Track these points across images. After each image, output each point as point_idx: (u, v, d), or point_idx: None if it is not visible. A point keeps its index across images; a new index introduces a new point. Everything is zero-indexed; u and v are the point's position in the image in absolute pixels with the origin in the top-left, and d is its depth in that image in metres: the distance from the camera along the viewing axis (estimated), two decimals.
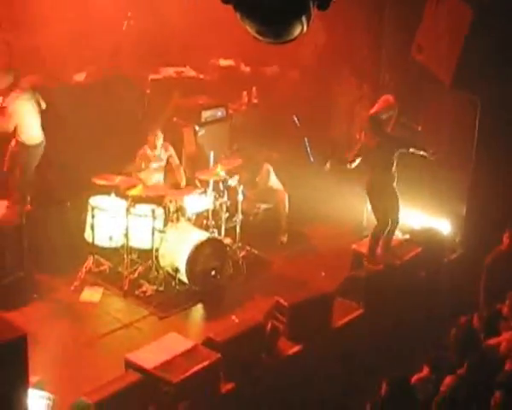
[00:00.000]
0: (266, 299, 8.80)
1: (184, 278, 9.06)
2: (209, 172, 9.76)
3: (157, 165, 10.03)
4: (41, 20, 10.97)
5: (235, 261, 9.74)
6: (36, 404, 6.53)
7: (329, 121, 12.96)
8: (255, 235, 10.24)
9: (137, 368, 7.04)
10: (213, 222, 9.63)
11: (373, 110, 10.58)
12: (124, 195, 9.36)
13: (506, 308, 7.59)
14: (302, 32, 2.87)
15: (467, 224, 10.31)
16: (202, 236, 9.21)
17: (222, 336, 7.59)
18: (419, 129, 11.17)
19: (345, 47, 12.42)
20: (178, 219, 9.31)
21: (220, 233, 9.68)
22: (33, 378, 6.49)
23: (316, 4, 2.82)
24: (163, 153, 10.08)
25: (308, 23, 2.83)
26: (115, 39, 12.21)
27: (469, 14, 9.14)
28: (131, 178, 9.77)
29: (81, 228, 9.41)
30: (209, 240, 9.21)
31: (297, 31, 2.85)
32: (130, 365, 7.14)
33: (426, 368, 6.81)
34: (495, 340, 7.21)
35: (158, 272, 9.21)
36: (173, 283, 9.13)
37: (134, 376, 6.92)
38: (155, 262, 9.19)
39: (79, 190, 9.79)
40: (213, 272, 9.23)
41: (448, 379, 6.51)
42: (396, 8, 11.52)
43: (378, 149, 9.20)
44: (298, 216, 10.82)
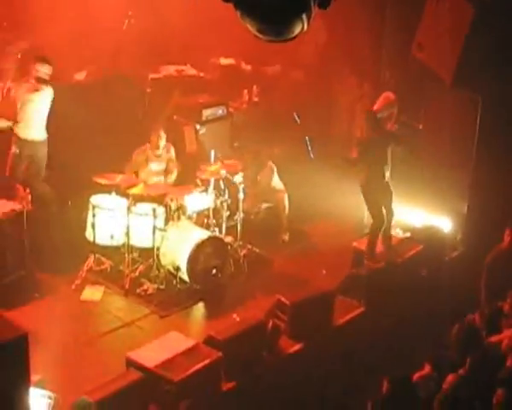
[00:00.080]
0: (267, 297, 8.81)
1: (185, 277, 9.06)
2: (210, 170, 9.75)
3: (157, 166, 10.00)
4: (41, 20, 10.95)
5: (236, 260, 9.73)
6: (37, 403, 6.53)
7: (330, 120, 12.96)
8: (256, 233, 10.23)
9: (138, 367, 7.04)
10: (214, 221, 9.62)
11: (374, 108, 10.60)
12: (125, 193, 9.35)
13: (507, 306, 7.58)
14: (303, 31, 2.87)
15: (468, 222, 10.33)
16: (203, 234, 9.20)
17: (223, 334, 7.59)
18: (420, 127, 11.19)
19: (346, 46, 12.42)
20: (179, 217, 9.31)
21: (221, 232, 9.67)
22: (34, 377, 6.48)
23: (317, 3, 2.82)
24: (164, 153, 10.06)
25: (309, 21, 2.83)
26: (115, 39, 12.18)
27: (470, 12, 9.14)
28: (132, 176, 9.75)
29: (82, 227, 9.40)
30: (210, 238, 9.21)
31: (297, 29, 2.85)
32: (131, 363, 7.14)
33: (427, 366, 6.80)
34: (496, 337, 7.21)
35: (159, 271, 9.21)
36: (174, 281, 9.12)
37: (135, 374, 6.92)
38: (156, 261, 9.18)
39: (80, 189, 9.78)
40: (214, 271, 9.23)
41: (450, 377, 6.50)
42: (397, 7, 11.54)
43: (375, 145, 9.22)
44: (298, 214, 10.80)
